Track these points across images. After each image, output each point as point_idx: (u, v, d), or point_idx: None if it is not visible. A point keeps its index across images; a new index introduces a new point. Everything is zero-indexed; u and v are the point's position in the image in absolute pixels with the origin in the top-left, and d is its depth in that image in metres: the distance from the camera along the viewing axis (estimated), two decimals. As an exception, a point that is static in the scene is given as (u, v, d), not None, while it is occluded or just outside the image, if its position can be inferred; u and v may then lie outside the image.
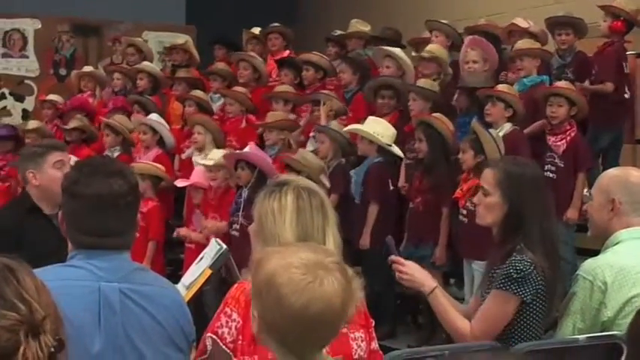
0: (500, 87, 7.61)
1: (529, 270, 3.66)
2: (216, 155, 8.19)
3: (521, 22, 8.91)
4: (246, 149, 7.99)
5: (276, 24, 10.85)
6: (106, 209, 2.83)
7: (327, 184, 7.67)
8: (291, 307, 2.26)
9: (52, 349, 1.60)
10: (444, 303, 3.82)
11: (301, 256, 2.32)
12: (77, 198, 2.85)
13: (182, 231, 8.34)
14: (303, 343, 2.31)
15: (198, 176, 8.30)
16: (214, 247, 3.95)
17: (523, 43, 8.23)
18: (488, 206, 3.83)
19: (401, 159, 7.94)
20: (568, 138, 7.28)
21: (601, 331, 3.68)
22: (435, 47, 8.83)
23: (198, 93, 9.92)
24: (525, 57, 8.06)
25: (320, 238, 3.01)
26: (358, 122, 8.32)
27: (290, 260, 2.31)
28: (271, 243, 2.97)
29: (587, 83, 7.97)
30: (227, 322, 3.00)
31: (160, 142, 9.30)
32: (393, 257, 3.83)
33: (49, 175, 4.61)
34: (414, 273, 3.80)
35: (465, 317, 3.83)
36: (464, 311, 3.91)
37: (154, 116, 9.47)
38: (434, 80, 8.41)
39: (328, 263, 2.33)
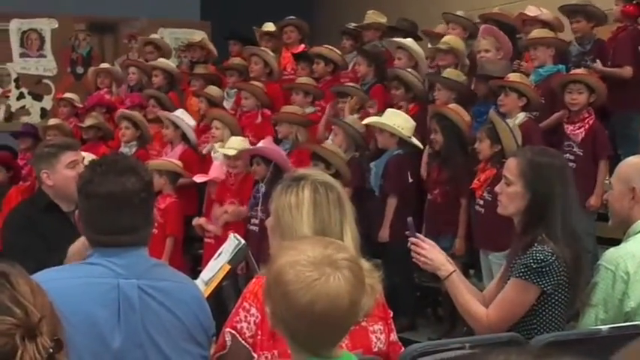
0: (512, 76, 7.55)
1: (550, 260, 3.63)
2: (235, 143, 8.16)
3: (532, 11, 8.84)
4: (260, 144, 7.98)
5: (292, 17, 10.84)
6: (120, 207, 2.84)
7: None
8: (298, 304, 2.28)
9: (51, 350, 1.58)
10: (460, 287, 3.78)
11: (310, 253, 2.32)
12: (91, 197, 2.86)
13: (200, 220, 8.33)
14: (312, 340, 2.32)
15: (217, 171, 8.29)
16: (233, 243, 3.94)
17: (537, 33, 8.17)
18: (510, 196, 3.79)
19: (421, 151, 7.90)
20: (586, 126, 7.22)
21: (624, 322, 3.64)
22: (452, 38, 8.79)
23: (210, 90, 9.91)
24: (539, 46, 8.00)
25: (337, 233, 2.99)
26: (377, 114, 8.29)
27: (298, 257, 2.32)
28: (288, 238, 2.96)
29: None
30: (246, 316, 2.99)
31: (185, 137, 9.29)
32: (412, 239, 3.79)
33: (62, 175, 4.60)
34: (432, 256, 3.77)
35: (481, 304, 3.80)
36: (481, 298, 3.88)
37: (178, 112, 9.47)
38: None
39: (338, 260, 2.32)
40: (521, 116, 7.29)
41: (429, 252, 3.76)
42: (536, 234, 3.69)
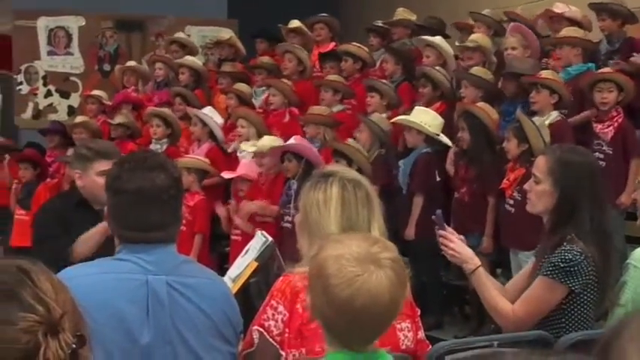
0: (545, 73, 7.52)
1: (579, 260, 3.62)
2: (266, 142, 8.17)
3: (559, 7, 8.79)
4: (291, 141, 7.98)
5: (323, 14, 10.85)
6: (148, 203, 2.85)
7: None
8: (338, 298, 2.28)
9: (74, 346, 1.59)
10: (486, 282, 3.78)
11: (355, 249, 2.33)
12: (119, 194, 2.88)
13: (220, 211, 8.33)
14: (350, 334, 2.33)
15: (244, 168, 8.31)
16: (260, 240, 3.96)
17: (566, 31, 8.13)
18: (538, 194, 3.79)
19: (449, 148, 7.91)
20: (615, 124, 7.18)
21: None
22: (479, 36, 8.78)
23: (239, 86, 9.93)
24: (564, 45, 7.97)
25: (365, 230, 3.00)
26: (404, 113, 8.28)
27: (343, 252, 2.33)
28: (316, 234, 2.97)
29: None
30: (273, 314, 3.00)
31: (213, 135, 9.31)
32: (441, 232, 3.79)
33: (92, 180, 4.63)
34: (460, 249, 3.76)
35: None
36: (504, 293, 3.87)
37: (207, 109, 9.50)
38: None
39: (382, 258, 2.33)
40: (554, 114, 7.25)
41: (458, 245, 3.76)
42: (565, 233, 3.69)
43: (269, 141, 8.17)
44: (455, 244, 3.76)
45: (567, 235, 3.68)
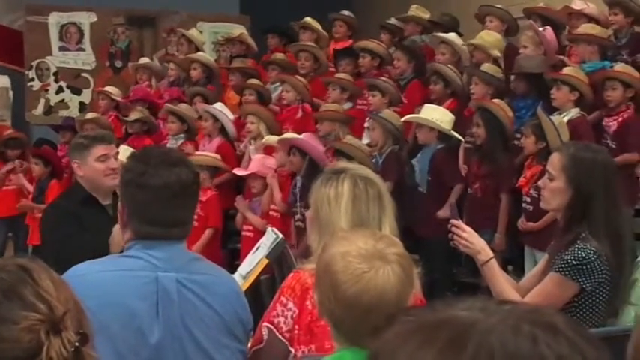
0: (566, 70, 7.51)
1: (592, 258, 3.62)
2: (268, 140, 8.20)
3: (578, 4, 8.78)
4: (301, 136, 7.99)
5: (345, 12, 10.88)
6: (174, 199, 2.86)
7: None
8: (345, 295, 2.30)
9: (77, 344, 1.60)
10: (497, 274, 3.78)
11: (362, 245, 2.34)
12: (145, 189, 2.85)
13: (240, 204, 8.37)
14: (357, 331, 2.33)
15: (256, 165, 8.33)
16: (270, 237, 3.97)
17: (583, 28, 8.11)
18: (552, 191, 3.79)
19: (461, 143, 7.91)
20: (620, 119, 7.18)
21: (664, 319, 3.62)
22: (485, 34, 8.76)
23: (255, 81, 9.94)
24: (580, 42, 7.95)
25: (375, 228, 2.99)
26: (413, 110, 8.27)
27: (349, 248, 2.34)
28: (326, 231, 2.97)
29: None
30: (283, 311, 3.01)
31: (223, 131, 9.34)
32: (454, 221, 3.80)
33: (92, 167, 4.64)
34: (472, 239, 3.76)
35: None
36: (516, 287, 3.87)
37: (218, 105, 9.53)
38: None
39: (388, 254, 2.34)
40: (574, 112, 7.24)
41: (470, 235, 3.76)
42: (579, 231, 3.68)
43: (273, 140, 8.21)
44: (467, 234, 3.76)
45: (581, 233, 3.68)
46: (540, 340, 1.07)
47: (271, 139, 8.17)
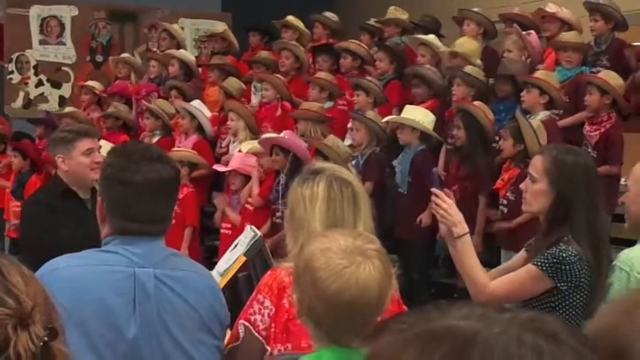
0: (537, 74, 7.58)
1: (572, 260, 3.62)
2: (253, 147, 8.22)
3: (552, 8, 8.83)
4: (282, 135, 8.01)
5: (328, 13, 10.92)
6: (155, 195, 2.85)
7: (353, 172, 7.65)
8: (326, 291, 2.30)
9: (45, 339, 1.59)
10: (470, 251, 3.76)
11: (341, 242, 2.35)
12: (126, 185, 2.85)
13: (219, 201, 8.35)
14: (338, 328, 2.34)
15: (238, 162, 8.32)
16: (249, 234, 3.98)
17: (570, 36, 8.13)
18: (534, 193, 3.78)
19: (442, 144, 7.92)
20: (602, 129, 7.23)
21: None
22: (465, 42, 8.79)
23: (229, 81, 9.92)
24: (568, 49, 7.99)
25: (350, 228, 2.98)
26: (392, 110, 8.29)
27: (329, 245, 2.35)
28: (300, 231, 2.99)
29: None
30: (260, 309, 3.00)
31: (200, 128, 9.35)
32: (435, 190, 3.79)
33: (77, 161, 4.62)
34: (451, 211, 3.77)
35: None
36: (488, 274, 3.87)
37: (195, 102, 9.53)
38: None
39: (368, 250, 2.35)
40: (543, 114, 7.30)
41: (450, 207, 3.76)
42: (561, 234, 3.68)
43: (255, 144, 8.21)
44: (447, 206, 3.76)
45: (563, 237, 3.67)
46: (545, 352, 1.07)
47: (254, 146, 8.14)
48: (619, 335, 1.41)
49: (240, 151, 8.48)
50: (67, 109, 10.80)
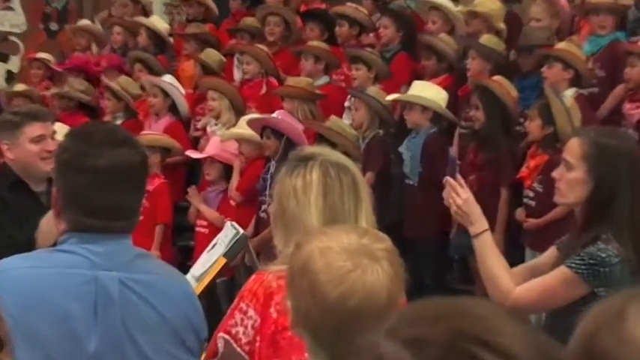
0: (560, 45, 7.56)
1: (613, 262, 3.61)
2: (243, 126, 8.15)
3: None
4: (274, 115, 7.97)
5: None
6: (118, 185, 2.83)
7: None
8: (327, 298, 2.28)
9: None
10: (490, 250, 3.78)
11: (345, 240, 2.33)
12: (84, 172, 2.83)
13: (193, 196, 8.35)
14: (338, 339, 2.31)
15: (214, 148, 8.29)
16: (230, 232, 3.98)
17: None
18: (570, 183, 3.77)
19: (455, 128, 7.92)
20: (644, 106, 7.26)
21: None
22: (485, 1, 8.78)
23: (207, 53, 9.88)
24: (600, 12, 7.99)
25: (350, 221, 2.99)
26: (400, 87, 8.27)
27: (331, 244, 2.33)
28: (293, 228, 2.98)
29: None
30: (242, 319, 3.01)
31: (174, 108, 9.32)
32: (449, 178, 3.79)
33: (25, 149, 4.62)
34: (466, 208, 3.77)
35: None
36: (510, 273, 3.86)
37: (167, 77, 9.50)
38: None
39: (376, 250, 2.33)
40: (570, 92, 7.29)
41: (466, 202, 3.76)
42: (599, 231, 3.68)
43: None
44: (463, 199, 3.75)
45: (602, 234, 3.67)
46: None
47: (246, 134, 8.11)
48: (598, 345, 1.52)
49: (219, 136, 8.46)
50: (17, 87, 10.77)
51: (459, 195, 3.75)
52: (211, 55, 9.85)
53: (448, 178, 3.79)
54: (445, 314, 1.33)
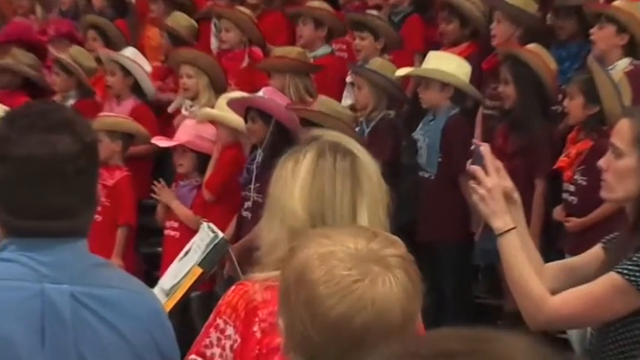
0: (616, 2, 7.56)
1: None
2: (222, 104, 8.15)
3: None
4: (260, 93, 7.97)
5: None
6: (47, 178, 2.84)
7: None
8: (328, 315, 2.26)
9: None
10: (517, 252, 3.77)
11: (350, 244, 2.30)
12: (7, 163, 2.84)
13: (163, 194, 8.35)
14: None
15: (187, 134, 8.29)
16: (206, 236, 3.99)
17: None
18: (620, 172, 3.79)
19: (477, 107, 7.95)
20: None
21: None
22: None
23: (175, 18, 9.86)
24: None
25: (346, 215, 3.00)
26: (412, 59, 8.28)
27: (332, 248, 2.30)
28: (275, 216, 2.99)
29: None
30: (219, 339, 3.03)
31: (137, 89, 9.30)
32: (473, 167, 3.81)
33: None
34: (491, 201, 3.79)
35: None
36: (539, 272, 3.87)
37: (128, 51, 9.47)
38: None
39: (388, 256, 2.30)
40: (623, 62, 7.29)
41: (492, 192, 3.78)
42: None
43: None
44: (489, 192, 3.77)
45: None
46: None
47: (228, 118, 8.09)
48: None
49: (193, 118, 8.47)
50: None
51: (485, 186, 3.76)
52: (179, 20, 9.83)
53: (473, 167, 3.80)
54: (466, 353, 1.28)
